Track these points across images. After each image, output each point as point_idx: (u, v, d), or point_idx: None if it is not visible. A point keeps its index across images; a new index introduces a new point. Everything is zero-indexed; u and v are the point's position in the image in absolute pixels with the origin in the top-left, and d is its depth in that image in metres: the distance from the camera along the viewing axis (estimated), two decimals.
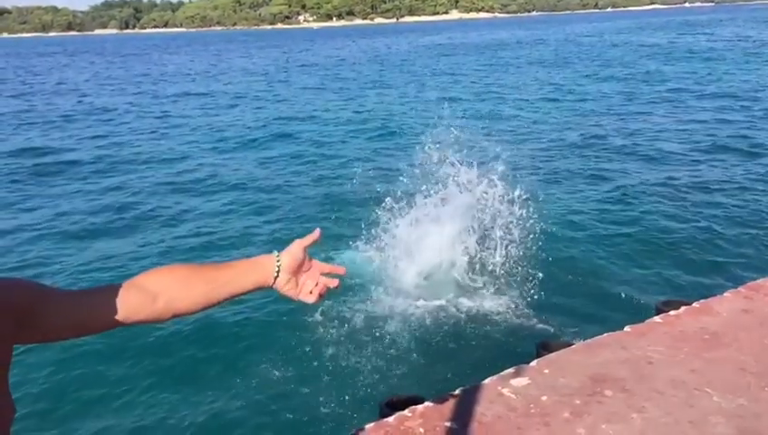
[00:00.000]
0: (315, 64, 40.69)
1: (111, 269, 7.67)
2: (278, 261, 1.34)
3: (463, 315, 6.06)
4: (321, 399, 4.84)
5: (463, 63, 36.02)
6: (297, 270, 1.36)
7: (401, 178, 7.64)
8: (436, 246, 7.00)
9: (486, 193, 7.11)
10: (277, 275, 1.34)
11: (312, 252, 1.42)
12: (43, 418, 4.90)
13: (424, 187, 7.21)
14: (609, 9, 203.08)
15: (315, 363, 5.36)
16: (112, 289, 1.23)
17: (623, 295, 6.34)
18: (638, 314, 4.46)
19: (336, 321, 5.97)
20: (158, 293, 1.25)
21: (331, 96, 24.54)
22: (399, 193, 7.18)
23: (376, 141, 15.39)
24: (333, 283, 1.41)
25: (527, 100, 20.75)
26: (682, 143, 13.29)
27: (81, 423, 4.85)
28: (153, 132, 18.05)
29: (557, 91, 22.45)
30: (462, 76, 29.18)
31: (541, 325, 5.80)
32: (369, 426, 2.56)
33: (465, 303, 6.27)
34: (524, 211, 6.82)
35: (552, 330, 5.68)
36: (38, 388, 5.25)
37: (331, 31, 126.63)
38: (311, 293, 1.38)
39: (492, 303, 6.26)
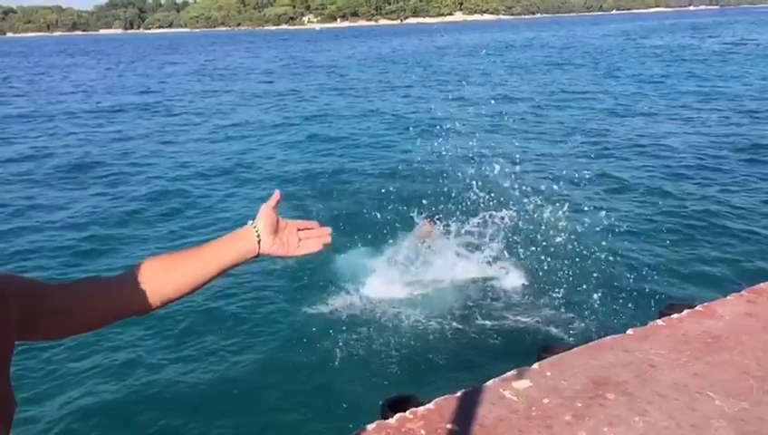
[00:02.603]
0: (321, 65, 40.71)
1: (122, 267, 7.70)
2: (255, 227, 1.42)
3: (465, 318, 6.05)
4: (322, 398, 4.84)
5: (470, 64, 36.00)
6: (275, 230, 1.43)
7: (407, 178, 7.65)
8: (439, 249, 7.01)
9: (489, 194, 7.12)
10: (259, 240, 1.41)
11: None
12: (44, 412, 4.91)
13: (429, 187, 7.21)
14: (613, 11, 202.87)
15: (317, 364, 5.37)
16: (105, 280, 1.29)
17: (626, 298, 6.33)
18: (641, 316, 4.45)
19: (338, 321, 5.97)
20: (145, 280, 1.30)
21: (341, 96, 24.56)
22: (404, 194, 7.19)
23: (386, 140, 15.41)
24: (325, 232, 1.49)
25: (532, 100, 20.72)
26: (685, 146, 13.25)
27: (82, 420, 4.86)
28: (162, 130, 18.11)
29: (563, 93, 22.46)
30: (468, 76, 29.17)
31: (543, 328, 5.80)
32: (370, 427, 2.55)
33: (468, 305, 6.27)
34: (525, 214, 6.82)
35: (555, 332, 5.68)
36: (39, 383, 5.26)
37: (336, 32, 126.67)
38: (298, 247, 1.47)
39: (494, 305, 6.26)
